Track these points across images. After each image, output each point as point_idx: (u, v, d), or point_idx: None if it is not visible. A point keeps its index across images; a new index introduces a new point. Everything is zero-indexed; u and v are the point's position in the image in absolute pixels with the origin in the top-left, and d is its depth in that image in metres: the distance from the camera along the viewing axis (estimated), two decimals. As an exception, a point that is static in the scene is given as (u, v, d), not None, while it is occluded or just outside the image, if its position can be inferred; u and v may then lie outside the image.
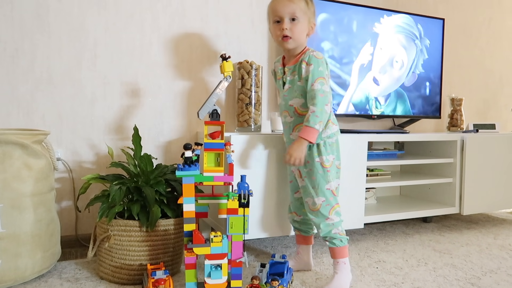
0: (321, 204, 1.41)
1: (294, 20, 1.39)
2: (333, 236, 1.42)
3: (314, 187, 1.42)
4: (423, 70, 2.32)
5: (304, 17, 1.40)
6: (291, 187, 1.56)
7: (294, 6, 1.38)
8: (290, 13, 1.38)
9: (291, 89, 1.44)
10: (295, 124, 1.45)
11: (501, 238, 2.05)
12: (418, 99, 2.32)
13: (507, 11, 2.87)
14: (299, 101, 1.43)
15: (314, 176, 1.42)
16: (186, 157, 1.27)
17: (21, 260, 1.35)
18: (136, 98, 1.84)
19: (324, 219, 1.41)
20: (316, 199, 1.42)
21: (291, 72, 1.44)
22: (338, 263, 1.42)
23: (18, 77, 1.66)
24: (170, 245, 1.48)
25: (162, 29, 1.87)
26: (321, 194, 1.41)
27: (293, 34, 1.39)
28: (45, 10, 1.68)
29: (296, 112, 1.44)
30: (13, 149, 1.36)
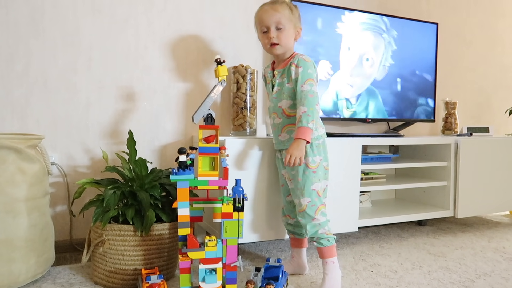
0: (306, 204, 1.43)
1: (280, 29, 1.44)
2: (320, 236, 1.43)
3: (300, 188, 1.44)
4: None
5: (289, 24, 1.45)
6: (283, 190, 1.57)
7: (279, 15, 1.43)
8: (275, 22, 1.44)
9: (280, 91, 1.48)
10: (283, 125, 1.48)
11: (495, 241, 2.06)
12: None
13: (500, 15, 2.90)
14: (287, 102, 1.46)
15: (300, 177, 1.44)
16: (180, 162, 1.27)
17: (14, 265, 1.35)
18: (131, 102, 1.84)
19: (310, 219, 1.43)
20: (302, 199, 1.43)
21: (280, 75, 1.49)
22: (327, 263, 1.43)
23: (12, 81, 1.66)
24: (165, 250, 1.48)
25: (157, 33, 1.88)
26: (306, 194, 1.43)
27: (280, 41, 1.45)
28: (40, 14, 1.68)
29: (284, 113, 1.47)
30: (7, 153, 1.36)
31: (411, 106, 2.33)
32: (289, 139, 1.47)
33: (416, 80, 2.34)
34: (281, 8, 1.45)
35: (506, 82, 2.96)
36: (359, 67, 2.15)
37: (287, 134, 1.48)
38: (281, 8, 1.45)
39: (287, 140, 1.48)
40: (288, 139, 1.48)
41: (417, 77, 2.34)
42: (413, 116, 2.34)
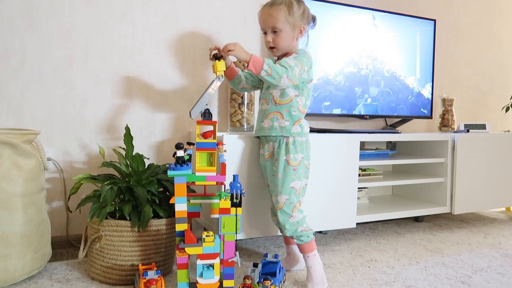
0: (284, 202, 1.42)
1: (276, 32, 1.44)
2: (300, 234, 1.43)
3: (278, 185, 1.42)
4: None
5: (286, 26, 1.43)
6: (269, 191, 1.54)
7: (273, 20, 1.42)
8: (271, 27, 1.44)
9: None
10: (269, 112, 1.46)
11: (491, 237, 2.07)
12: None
13: (497, 12, 2.91)
14: (279, 90, 1.45)
15: (280, 174, 1.42)
16: (178, 157, 1.27)
17: (10, 261, 1.34)
18: (128, 97, 1.83)
19: (287, 217, 1.42)
20: (279, 197, 1.42)
21: (276, 61, 1.46)
22: (309, 257, 1.44)
23: (8, 76, 1.64)
24: (162, 245, 1.47)
25: (154, 28, 1.86)
26: (285, 192, 1.42)
27: (277, 45, 1.45)
28: (35, 8, 1.66)
29: (273, 100, 1.45)
30: (2, 149, 1.35)
31: (408, 102, 2.33)
32: (271, 127, 1.44)
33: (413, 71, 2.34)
34: (276, 11, 1.42)
35: (503, 79, 2.97)
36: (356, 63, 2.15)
37: (270, 122, 1.45)
38: (276, 11, 1.42)
39: (268, 128, 1.45)
40: (270, 126, 1.44)
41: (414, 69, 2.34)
42: (410, 112, 2.34)
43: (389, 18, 2.23)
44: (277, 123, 1.43)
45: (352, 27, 2.12)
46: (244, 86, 1.58)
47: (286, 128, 1.43)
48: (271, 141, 1.46)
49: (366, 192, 2.18)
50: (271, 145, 1.46)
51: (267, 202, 1.66)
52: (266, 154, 1.48)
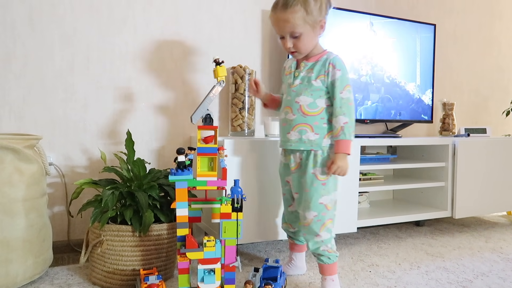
0: (312, 219, 1.34)
1: (296, 37, 1.32)
2: (321, 253, 1.36)
3: (306, 200, 1.35)
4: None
5: (305, 27, 1.30)
6: (285, 200, 1.50)
7: (291, 26, 1.29)
8: (289, 32, 1.31)
9: (302, 85, 1.37)
10: (296, 123, 1.36)
11: (492, 241, 2.06)
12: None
13: (497, 17, 2.91)
14: (308, 100, 1.34)
15: (308, 189, 1.34)
16: (179, 162, 1.27)
17: (12, 266, 1.34)
18: (129, 102, 1.84)
19: (313, 236, 1.35)
20: (307, 213, 1.35)
21: (307, 69, 1.37)
22: (326, 280, 1.37)
23: (10, 81, 1.65)
24: (163, 250, 1.47)
25: (155, 34, 1.87)
26: (313, 208, 1.34)
27: (299, 49, 1.34)
28: (38, 14, 1.67)
29: (301, 110, 1.35)
30: (5, 154, 1.35)
31: (408, 109, 2.34)
32: (299, 140, 1.35)
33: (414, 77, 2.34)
34: (292, 14, 1.28)
35: (503, 83, 2.97)
36: (356, 70, 2.16)
37: (298, 134, 1.35)
38: (292, 14, 1.28)
39: (296, 141, 1.36)
40: (298, 139, 1.35)
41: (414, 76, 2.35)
42: (410, 117, 2.35)
43: (388, 24, 2.24)
44: (306, 136, 1.34)
45: (351, 33, 2.13)
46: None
47: (316, 142, 1.34)
48: (298, 152, 1.38)
49: (367, 197, 2.18)
50: (298, 156, 1.38)
51: (268, 207, 1.66)
52: (293, 166, 1.39)
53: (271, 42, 2.11)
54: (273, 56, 2.12)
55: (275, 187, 1.66)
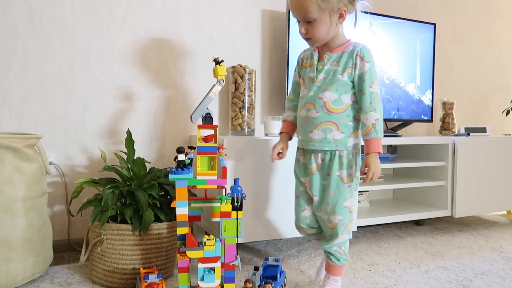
0: (337, 223, 1.29)
1: (310, 22, 1.23)
2: (332, 253, 1.34)
3: (331, 204, 1.28)
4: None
5: (320, 14, 1.21)
6: (297, 204, 1.39)
7: (304, 10, 1.21)
8: (303, 17, 1.23)
9: (326, 80, 1.27)
10: (320, 121, 1.26)
11: (492, 241, 2.07)
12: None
13: (497, 16, 2.92)
14: (333, 96, 1.25)
15: (332, 192, 1.28)
16: (179, 161, 1.27)
17: (12, 265, 1.34)
18: (129, 102, 1.84)
19: (336, 238, 1.31)
20: (332, 217, 1.29)
21: (332, 61, 1.28)
22: (329, 279, 1.36)
23: (10, 81, 1.65)
24: (163, 249, 1.48)
25: (156, 33, 1.88)
26: (338, 212, 1.28)
27: (313, 36, 1.25)
28: (38, 14, 1.68)
29: (325, 107, 1.26)
30: (5, 153, 1.35)
31: (408, 109, 2.34)
32: (323, 139, 1.26)
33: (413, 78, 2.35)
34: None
35: (503, 83, 2.98)
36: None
37: (322, 133, 1.26)
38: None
39: (320, 140, 1.27)
40: (323, 139, 1.26)
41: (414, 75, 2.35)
42: (410, 116, 2.35)
43: (388, 24, 2.24)
44: (331, 135, 1.25)
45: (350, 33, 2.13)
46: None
47: (342, 141, 1.26)
48: (320, 152, 1.29)
49: (366, 196, 2.18)
50: (320, 156, 1.29)
51: (268, 206, 1.66)
52: (313, 167, 1.30)
53: (271, 41, 2.11)
54: (273, 55, 2.12)
55: (275, 186, 1.66)
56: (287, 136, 1.40)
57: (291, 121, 1.40)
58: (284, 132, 1.41)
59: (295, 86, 1.41)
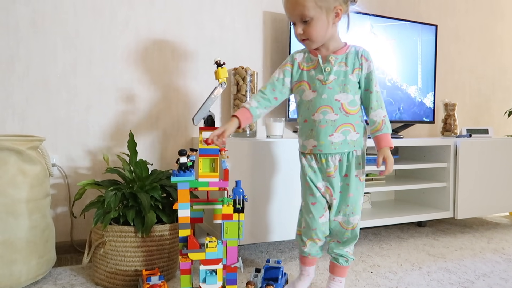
0: (357, 223, 1.30)
1: (307, 21, 1.21)
2: (343, 254, 1.34)
3: (351, 205, 1.29)
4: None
5: (317, 12, 1.20)
6: (316, 211, 1.31)
7: (301, 8, 1.19)
8: (299, 16, 1.21)
9: (339, 81, 1.26)
10: (340, 124, 1.25)
11: (494, 242, 2.06)
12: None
13: (499, 18, 2.91)
14: (348, 97, 1.25)
15: (352, 193, 1.28)
16: (181, 163, 1.28)
17: (15, 267, 1.35)
18: (132, 104, 1.85)
19: (355, 239, 1.32)
20: (352, 218, 1.29)
21: (339, 62, 1.27)
22: (334, 280, 1.36)
23: (13, 83, 1.66)
24: (165, 251, 1.48)
25: (158, 35, 1.88)
26: (357, 212, 1.29)
27: (310, 36, 1.23)
28: (40, 16, 1.69)
29: (343, 109, 1.25)
30: (8, 155, 1.36)
31: (410, 112, 2.34)
32: (343, 141, 1.25)
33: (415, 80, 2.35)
34: None
35: (505, 84, 2.97)
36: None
37: (342, 135, 1.25)
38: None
39: (340, 143, 1.25)
40: (343, 141, 1.25)
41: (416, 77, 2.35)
42: (412, 118, 2.35)
43: (390, 25, 2.24)
44: (350, 136, 1.26)
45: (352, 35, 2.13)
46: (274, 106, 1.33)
47: (358, 141, 1.28)
48: (337, 154, 1.28)
49: (368, 197, 2.19)
50: (337, 158, 1.28)
51: (270, 208, 1.67)
52: (331, 170, 1.27)
53: (273, 43, 2.12)
54: (275, 57, 2.13)
55: (277, 188, 1.67)
56: (237, 123, 1.26)
57: (249, 110, 1.27)
58: (236, 117, 1.26)
59: (275, 82, 1.32)
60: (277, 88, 1.31)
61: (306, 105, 1.29)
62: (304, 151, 1.32)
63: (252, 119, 1.28)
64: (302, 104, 1.31)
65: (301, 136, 1.33)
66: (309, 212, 1.32)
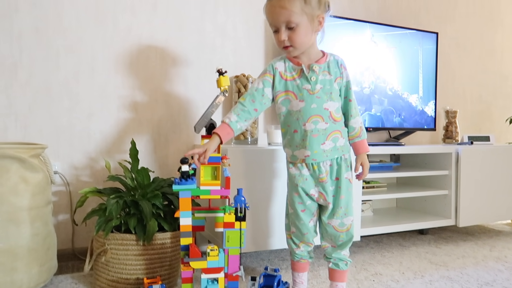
0: (351, 224, 1.32)
1: (292, 28, 1.21)
2: (342, 258, 1.35)
3: (343, 206, 1.31)
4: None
5: (302, 18, 1.21)
6: (305, 216, 1.34)
7: (287, 13, 1.19)
8: (284, 22, 1.21)
9: (325, 89, 1.28)
10: (330, 131, 1.28)
11: (497, 250, 2.05)
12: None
13: (499, 25, 2.92)
14: (335, 104, 1.29)
15: (343, 195, 1.30)
16: (182, 172, 1.28)
17: (17, 275, 1.35)
18: (133, 111, 1.86)
19: (351, 240, 1.33)
20: (346, 219, 1.31)
21: (323, 71, 1.29)
22: (337, 287, 1.35)
23: (16, 91, 1.67)
24: (167, 259, 1.48)
25: (159, 43, 1.89)
26: (349, 213, 1.32)
27: (294, 43, 1.23)
28: (44, 24, 1.70)
29: (331, 117, 1.28)
30: (10, 163, 1.37)
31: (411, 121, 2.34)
32: (333, 148, 1.28)
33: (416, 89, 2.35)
34: (290, 2, 1.19)
35: (506, 90, 2.98)
36: (358, 82, 2.17)
37: (332, 143, 1.28)
38: (290, 2, 1.19)
39: (330, 150, 1.28)
40: (333, 148, 1.28)
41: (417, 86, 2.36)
42: (413, 125, 2.35)
43: (391, 34, 2.25)
44: (338, 143, 1.30)
45: (352, 44, 2.14)
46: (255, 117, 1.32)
47: (345, 146, 1.32)
48: (328, 159, 1.30)
49: (370, 205, 2.18)
50: (327, 163, 1.30)
51: (272, 216, 1.66)
52: (323, 175, 1.29)
53: (274, 51, 2.12)
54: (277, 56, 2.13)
55: (279, 196, 1.66)
56: (218, 140, 1.26)
57: (229, 125, 1.26)
58: (217, 134, 1.25)
59: (254, 93, 1.29)
60: (256, 99, 1.29)
61: (294, 115, 1.29)
62: (295, 161, 1.32)
63: (234, 134, 1.28)
64: (290, 114, 1.30)
65: (290, 146, 1.32)
66: (300, 219, 1.34)
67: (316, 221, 1.38)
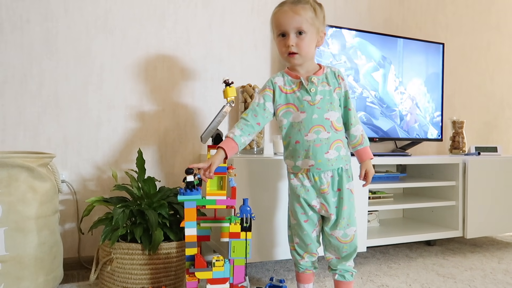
0: (354, 234, 1.33)
1: (301, 34, 1.25)
2: (347, 269, 1.35)
3: (346, 217, 1.31)
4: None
5: (312, 28, 1.26)
6: (309, 227, 1.35)
7: (300, 19, 1.23)
8: (296, 27, 1.24)
9: (325, 100, 1.30)
10: (333, 140, 1.29)
11: (505, 262, 2.03)
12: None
13: (506, 36, 2.92)
14: (336, 114, 1.31)
15: (346, 205, 1.31)
16: (188, 182, 1.28)
17: (23, 284, 1.35)
18: (140, 121, 1.87)
19: (354, 251, 1.33)
20: (349, 230, 1.32)
21: (321, 82, 1.31)
22: None
23: (25, 101, 1.70)
24: (172, 269, 1.48)
25: (167, 54, 1.92)
26: (352, 223, 1.32)
27: (301, 50, 1.26)
28: (53, 35, 1.73)
29: (333, 127, 1.29)
30: (19, 172, 1.38)
31: (417, 131, 2.33)
32: (337, 157, 1.30)
33: (424, 99, 2.35)
34: (303, 10, 1.24)
35: (514, 101, 2.96)
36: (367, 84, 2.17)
37: (336, 152, 1.29)
38: (303, 10, 1.24)
39: (335, 159, 1.29)
40: (337, 157, 1.30)
41: (425, 96, 2.35)
42: (420, 135, 2.34)
43: (396, 44, 2.26)
44: (342, 152, 1.31)
45: (358, 54, 2.15)
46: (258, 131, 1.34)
47: (347, 155, 1.33)
48: (330, 170, 1.31)
49: (376, 215, 2.17)
50: (329, 174, 1.31)
51: (278, 226, 1.66)
52: (325, 187, 1.30)
53: (280, 61, 2.14)
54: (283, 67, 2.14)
55: (285, 206, 1.66)
56: (223, 155, 1.26)
57: (233, 140, 1.28)
58: (222, 149, 1.26)
59: (256, 108, 1.32)
60: (258, 114, 1.32)
61: (296, 127, 1.31)
62: (297, 171, 1.34)
63: (238, 148, 1.29)
64: (292, 126, 1.32)
65: (293, 157, 1.33)
66: (303, 230, 1.35)
67: (319, 232, 1.38)
